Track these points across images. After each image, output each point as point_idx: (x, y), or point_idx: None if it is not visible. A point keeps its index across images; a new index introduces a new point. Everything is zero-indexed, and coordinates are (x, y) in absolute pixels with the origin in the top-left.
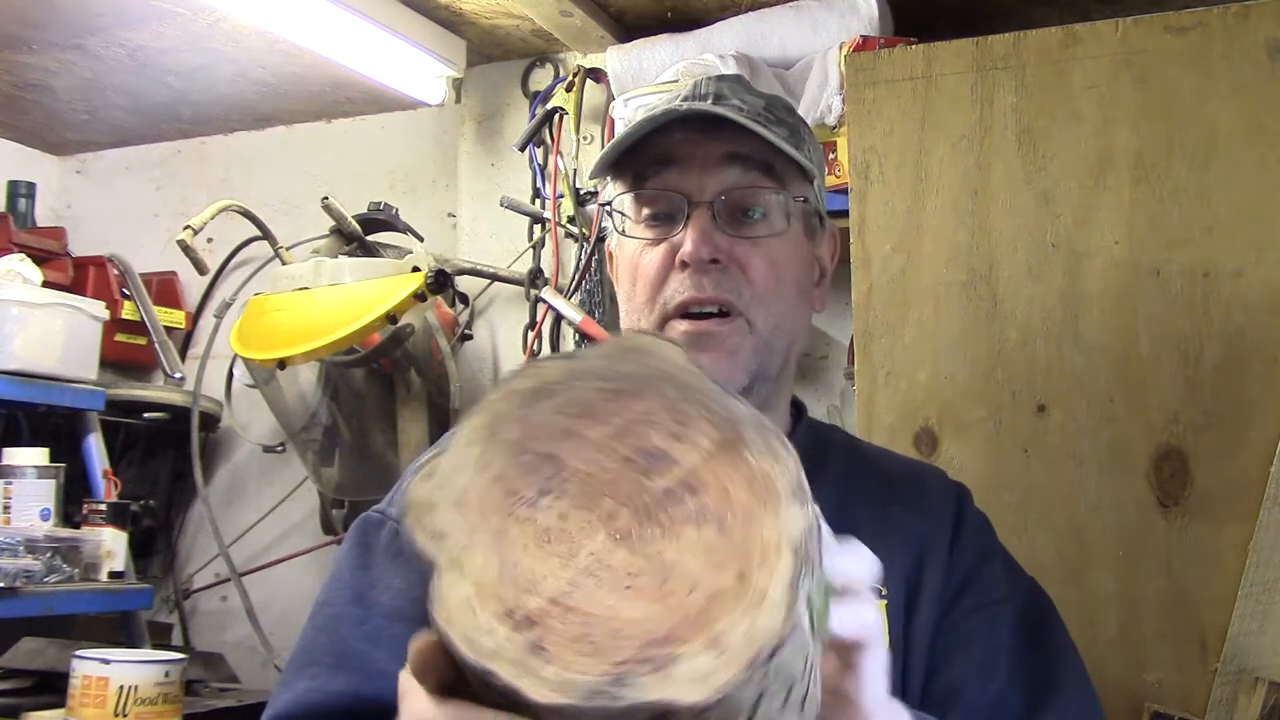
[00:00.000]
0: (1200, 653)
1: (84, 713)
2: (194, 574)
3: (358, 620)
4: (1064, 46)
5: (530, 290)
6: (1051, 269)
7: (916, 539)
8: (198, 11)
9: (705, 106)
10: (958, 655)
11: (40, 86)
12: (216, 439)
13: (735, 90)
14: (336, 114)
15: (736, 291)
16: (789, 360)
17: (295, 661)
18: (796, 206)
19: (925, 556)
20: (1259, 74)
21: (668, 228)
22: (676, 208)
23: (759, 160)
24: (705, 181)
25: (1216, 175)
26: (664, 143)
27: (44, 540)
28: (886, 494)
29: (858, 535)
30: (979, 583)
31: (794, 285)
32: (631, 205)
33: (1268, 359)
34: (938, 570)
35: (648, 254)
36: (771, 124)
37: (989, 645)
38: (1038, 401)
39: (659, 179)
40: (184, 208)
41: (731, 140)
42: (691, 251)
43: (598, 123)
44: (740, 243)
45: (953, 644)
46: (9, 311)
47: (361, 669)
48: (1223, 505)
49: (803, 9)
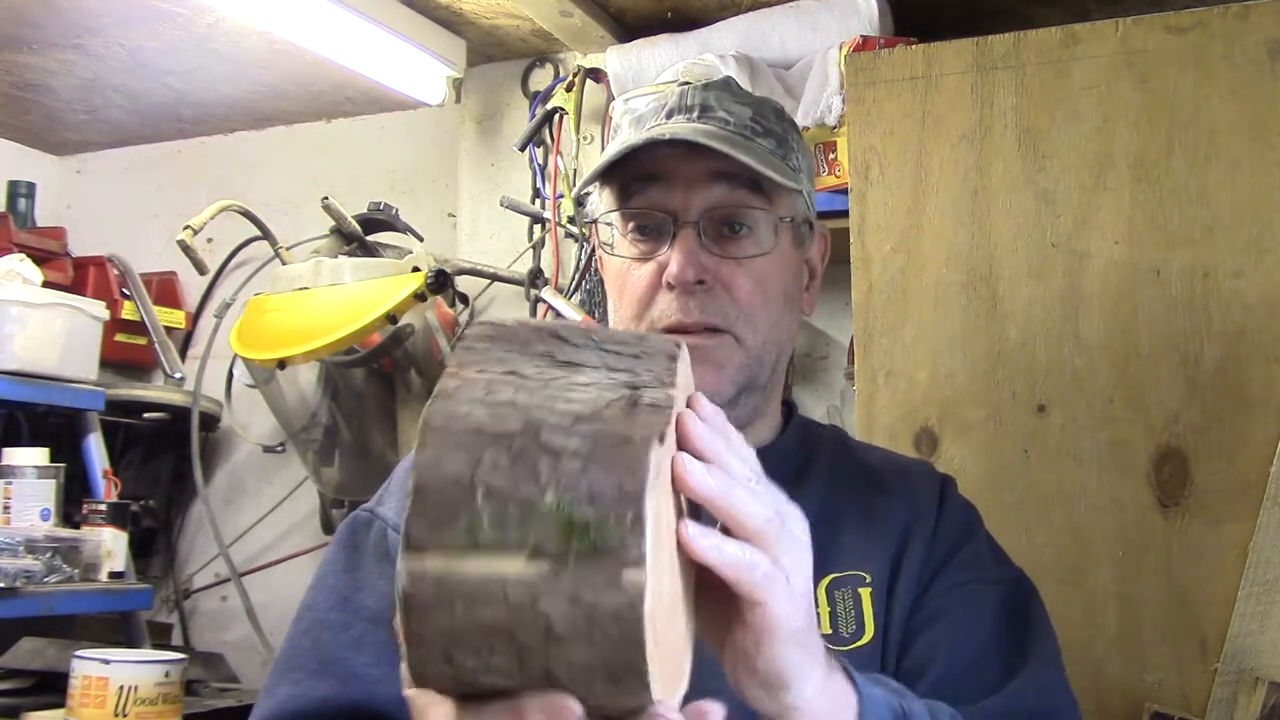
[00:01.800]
0: (1200, 653)
1: (84, 713)
2: (194, 574)
3: (342, 625)
4: (1064, 46)
5: (530, 290)
6: (1051, 269)
7: (900, 526)
8: (198, 11)
9: (690, 126)
10: (931, 628)
11: (40, 86)
12: (216, 439)
13: (722, 100)
14: (336, 114)
15: (722, 313)
16: (778, 369)
17: (279, 666)
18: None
19: (908, 541)
20: (1259, 74)
21: (654, 243)
22: (662, 225)
23: (745, 178)
24: (691, 200)
25: (1216, 175)
26: (649, 158)
27: (44, 540)
28: (872, 486)
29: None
30: (958, 561)
31: (781, 297)
32: (618, 219)
33: (1268, 359)
34: (918, 552)
35: (635, 271)
36: (758, 135)
37: (966, 619)
38: (1038, 401)
39: (644, 196)
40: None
41: (717, 157)
42: (677, 274)
43: (598, 123)
44: (726, 263)
45: (926, 619)
46: (9, 311)
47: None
48: (1223, 505)
49: (803, 9)
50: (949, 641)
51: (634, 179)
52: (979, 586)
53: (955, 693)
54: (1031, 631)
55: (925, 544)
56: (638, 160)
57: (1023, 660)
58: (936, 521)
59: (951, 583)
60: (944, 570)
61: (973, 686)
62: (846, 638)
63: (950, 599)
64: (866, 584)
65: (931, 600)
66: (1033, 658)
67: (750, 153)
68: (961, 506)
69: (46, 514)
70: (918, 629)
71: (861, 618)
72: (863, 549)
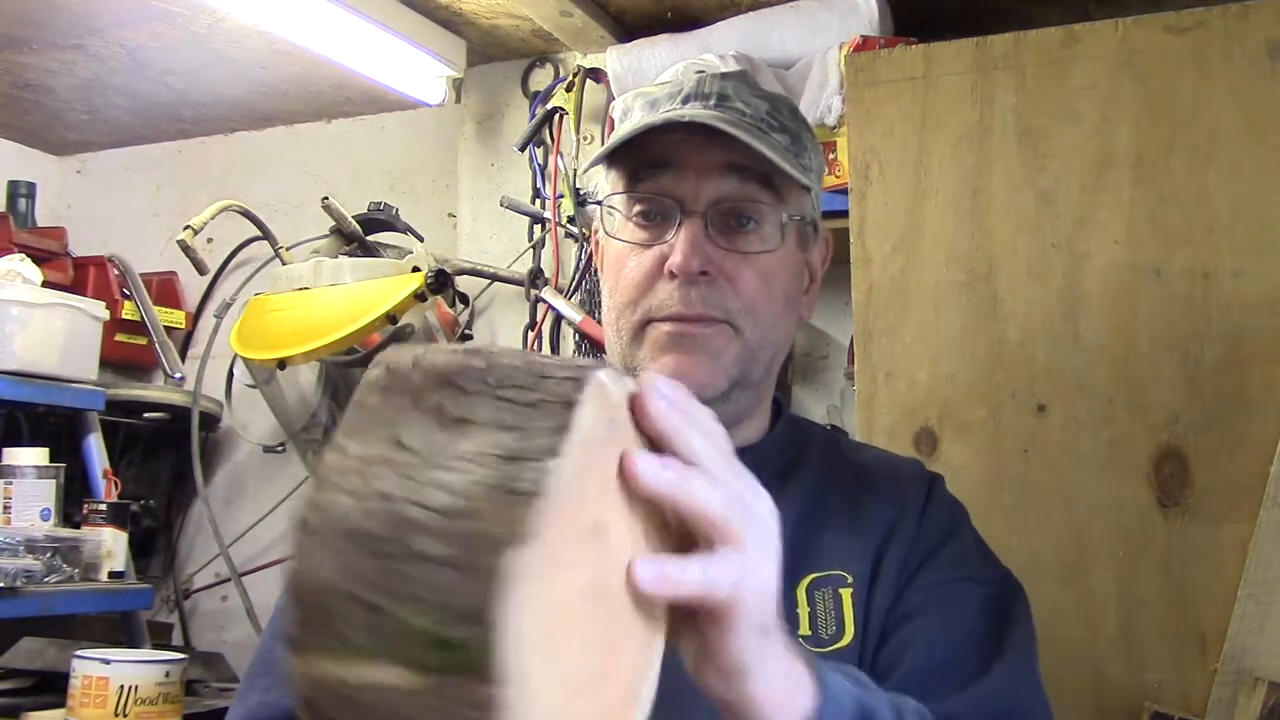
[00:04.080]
0: (1200, 653)
1: (84, 713)
2: (194, 574)
3: None
4: (1064, 46)
5: (530, 290)
6: (1051, 269)
7: (884, 526)
8: (198, 11)
9: (708, 112)
10: (905, 626)
11: (40, 86)
12: (216, 439)
13: (739, 91)
14: (336, 114)
15: (724, 306)
16: (772, 369)
17: (250, 671)
18: (792, 222)
19: (889, 540)
20: (1259, 74)
21: (658, 230)
22: (668, 212)
23: (758, 171)
24: (701, 189)
25: (1216, 175)
26: (662, 143)
27: (44, 540)
28: (860, 485)
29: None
30: (938, 560)
31: (783, 297)
32: (623, 203)
33: (1268, 359)
34: (899, 551)
35: (636, 257)
36: (774, 130)
37: (942, 617)
38: (1038, 401)
39: (653, 182)
40: (184, 208)
41: (731, 148)
42: (681, 264)
43: (598, 123)
44: (731, 256)
45: (902, 616)
46: (9, 311)
47: None
48: (1223, 505)
49: (803, 9)
50: (923, 639)
51: (644, 164)
52: (959, 585)
53: (923, 689)
54: (1009, 630)
55: (907, 542)
56: (650, 144)
57: (998, 659)
58: (920, 519)
59: (931, 581)
60: (924, 568)
61: (942, 683)
62: (826, 639)
63: (927, 597)
64: (848, 584)
65: (909, 597)
66: (1007, 655)
67: (767, 145)
68: (948, 505)
69: (46, 514)
70: (893, 626)
71: (842, 619)
72: (845, 549)
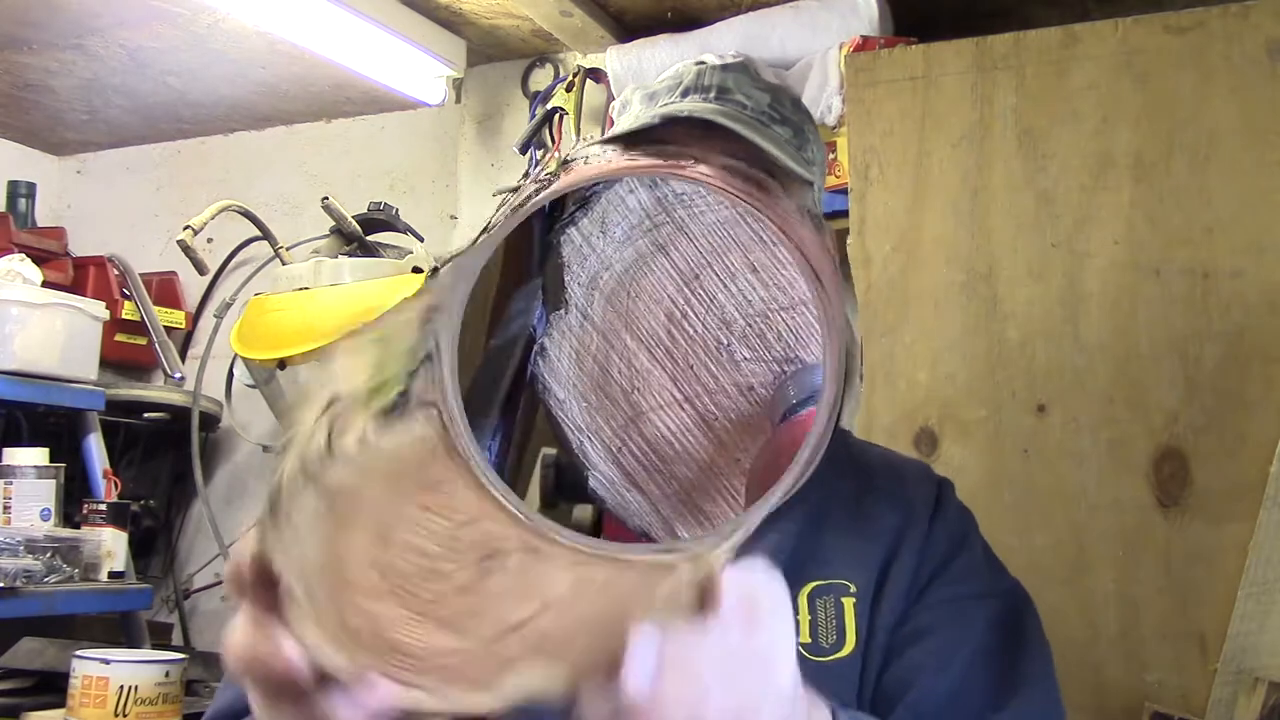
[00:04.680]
0: (1200, 653)
1: (84, 713)
2: (194, 574)
3: None
4: (1064, 46)
5: None
6: (1051, 269)
7: (890, 532)
8: (198, 11)
9: (707, 106)
10: (915, 646)
11: (40, 86)
12: (216, 439)
13: (740, 83)
14: (336, 114)
15: None
16: None
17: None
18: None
19: (898, 549)
20: (1259, 74)
21: None
22: None
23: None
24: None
25: (1216, 175)
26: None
27: (44, 540)
28: (865, 487)
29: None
30: (949, 574)
31: None
32: None
33: (1268, 359)
34: (909, 561)
35: None
36: (775, 123)
37: (951, 638)
38: (1038, 401)
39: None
40: (184, 208)
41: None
42: None
43: (598, 123)
44: None
45: (912, 635)
46: (9, 311)
47: None
48: (1223, 505)
49: (803, 9)
50: (933, 662)
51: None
52: (970, 602)
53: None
54: (1024, 652)
55: (915, 552)
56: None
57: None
58: (930, 528)
59: (941, 597)
60: (934, 582)
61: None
62: (827, 648)
63: (938, 615)
64: (850, 593)
65: (919, 614)
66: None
67: (767, 139)
68: (957, 513)
69: (46, 514)
70: (902, 645)
71: (843, 628)
72: (849, 555)
